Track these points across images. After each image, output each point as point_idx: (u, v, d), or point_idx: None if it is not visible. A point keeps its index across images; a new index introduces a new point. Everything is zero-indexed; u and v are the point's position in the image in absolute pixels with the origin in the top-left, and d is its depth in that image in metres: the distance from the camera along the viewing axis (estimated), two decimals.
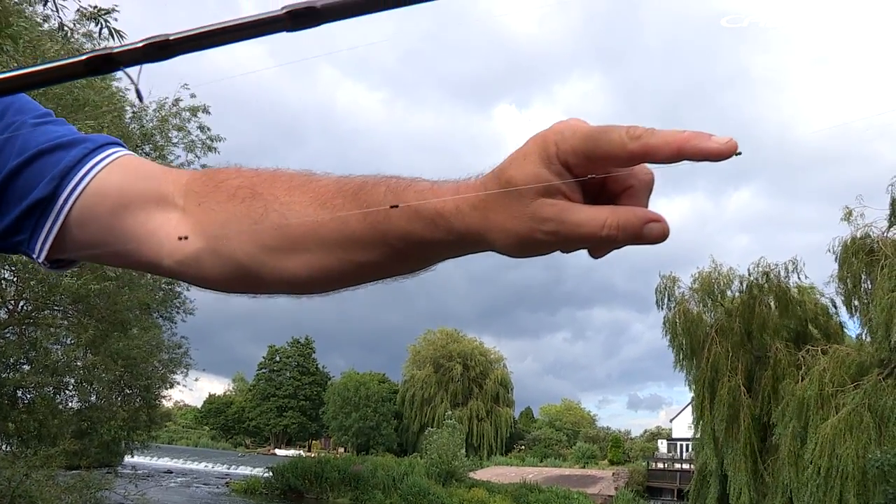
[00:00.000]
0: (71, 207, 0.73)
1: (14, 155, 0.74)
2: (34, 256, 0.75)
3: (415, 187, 0.65)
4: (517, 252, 0.62)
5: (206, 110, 12.94)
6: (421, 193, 0.64)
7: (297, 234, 0.69)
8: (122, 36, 6.97)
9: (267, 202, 0.70)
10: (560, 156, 0.56)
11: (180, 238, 0.72)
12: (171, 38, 0.47)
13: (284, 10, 0.46)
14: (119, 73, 0.50)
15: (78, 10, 6.92)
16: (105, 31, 6.95)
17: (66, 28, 7.47)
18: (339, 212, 0.67)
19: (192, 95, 12.72)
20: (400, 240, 0.65)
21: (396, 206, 0.63)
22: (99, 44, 8.22)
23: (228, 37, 0.47)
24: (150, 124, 12.54)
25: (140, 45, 0.48)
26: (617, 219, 0.56)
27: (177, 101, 12.74)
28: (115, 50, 0.47)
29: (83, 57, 0.47)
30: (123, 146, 0.81)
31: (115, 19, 6.93)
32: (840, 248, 22.95)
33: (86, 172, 0.74)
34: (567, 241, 0.59)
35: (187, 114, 12.78)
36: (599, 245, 0.59)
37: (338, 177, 0.72)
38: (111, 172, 0.76)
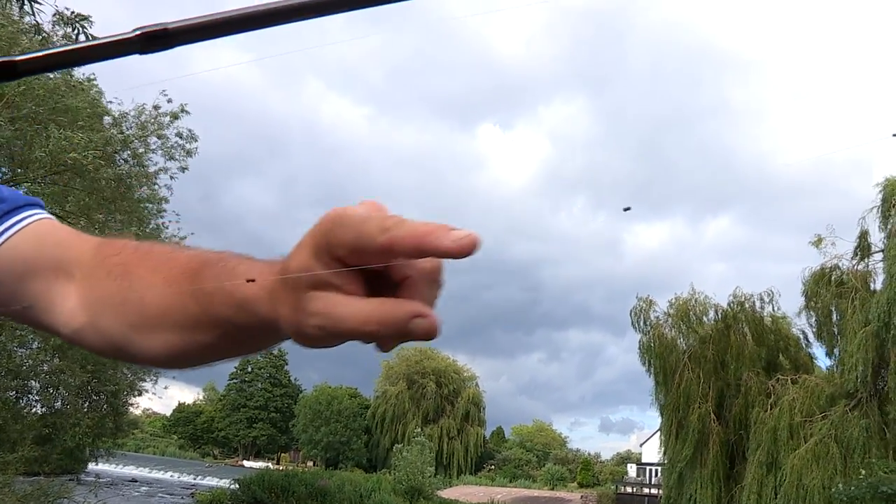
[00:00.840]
0: None
1: None
2: None
3: (237, 268, 0.63)
4: (303, 344, 0.59)
5: (184, 110, 12.81)
6: (218, 277, 0.63)
7: (152, 314, 0.69)
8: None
9: (132, 281, 0.71)
10: (329, 247, 0.53)
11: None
12: (17, 60, 0.47)
13: (136, 33, 0.47)
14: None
15: (56, 13, 6.87)
16: (82, 36, 6.90)
17: (43, 32, 7.41)
18: (179, 292, 0.66)
19: (169, 101, 12.63)
20: (225, 323, 0.64)
21: (199, 287, 0.63)
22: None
23: (78, 58, 0.47)
24: (130, 130, 12.42)
25: None
26: (379, 314, 0.53)
27: (156, 107, 12.64)
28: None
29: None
30: (42, 208, 0.83)
31: (92, 22, 6.88)
32: (810, 279, 23.26)
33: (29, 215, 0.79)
34: (335, 335, 0.55)
35: (167, 119, 12.66)
36: (369, 340, 0.55)
37: (194, 253, 0.71)
38: (23, 237, 0.78)
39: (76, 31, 6.87)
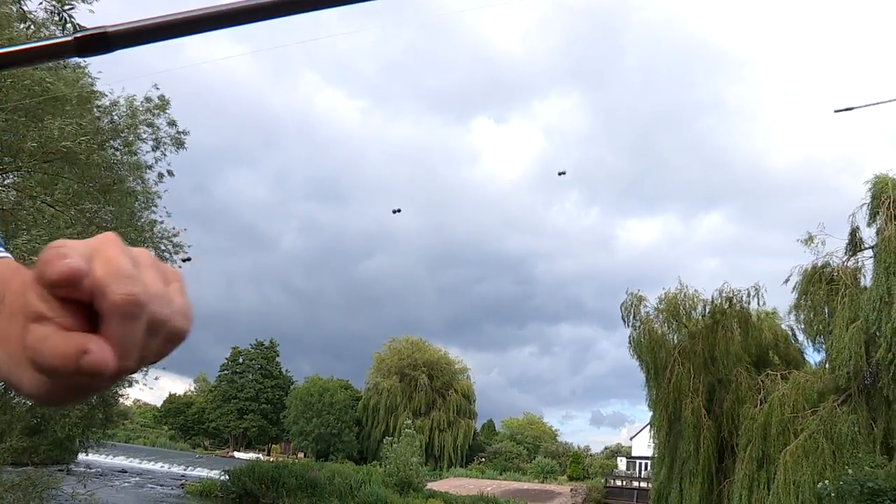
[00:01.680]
0: None
1: None
2: None
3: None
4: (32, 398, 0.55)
5: (162, 98, 12.76)
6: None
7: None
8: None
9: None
10: (40, 280, 0.49)
11: None
12: None
13: (73, 37, 0.47)
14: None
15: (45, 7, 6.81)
16: (70, 26, 6.83)
17: (32, 22, 7.34)
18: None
19: (156, 87, 12.57)
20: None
21: None
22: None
23: (15, 59, 0.45)
24: (121, 119, 12.34)
25: None
26: (57, 346, 0.48)
27: (147, 99, 12.57)
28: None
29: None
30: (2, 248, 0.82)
31: (92, 11, 6.82)
32: (800, 276, 23.36)
33: None
34: (43, 370, 0.50)
35: (157, 109, 12.60)
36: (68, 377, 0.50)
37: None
38: None
39: (63, 21, 6.80)
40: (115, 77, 16.30)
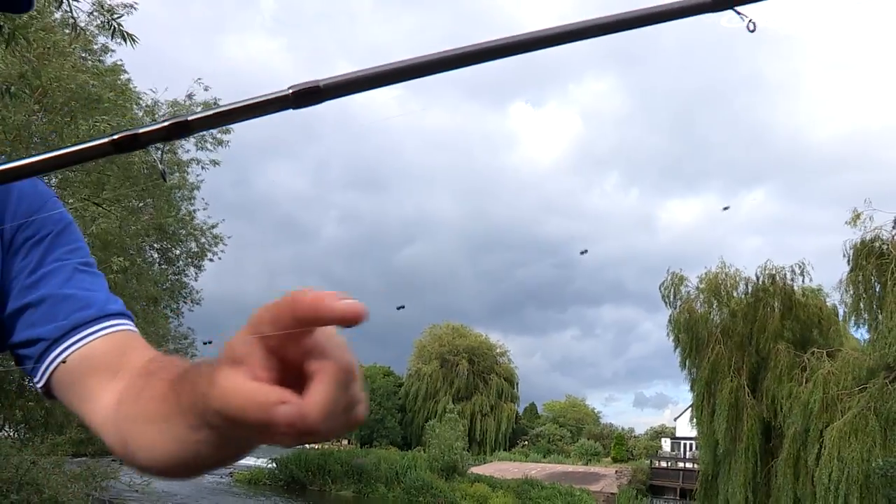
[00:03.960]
0: (67, 358, 0.87)
1: (53, 285, 0.91)
2: (35, 381, 0.91)
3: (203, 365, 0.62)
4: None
5: (217, 104, 12.97)
6: (195, 373, 0.62)
7: (151, 408, 0.71)
8: (134, 40, 7.01)
9: (150, 381, 0.76)
10: (255, 325, 0.50)
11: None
12: (191, 119, 0.53)
13: (290, 91, 0.53)
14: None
15: (91, 11, 6.96)
16: (119, 35, 6.98)
17: (79, 27, 7.51)
18: (169, 392, 0.68)
19: (206, 89, 12.78)
20: (201, 414, 0.60)
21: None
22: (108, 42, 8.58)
23: (239, 116, 0.52)
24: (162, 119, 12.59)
25: (164, 125, 0.53)
26: (252, 394, 0.49)
27: (190, 95, 12.80)
28: (141, 130, 0.53)
29: (112, 137, 0.53)
30: (130, 319, 0.95)
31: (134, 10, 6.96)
32: (852, 250, 22.86)
33: (88, 334, 0.89)
34: (226, 415, 0.51)
35: (200, 108, 12.81)
36: (255, 429, 0.50)
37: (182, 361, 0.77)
38: (101, 343, 0.88)
39: (111, 28, 6.96)
40: (159, 80, 16.59)
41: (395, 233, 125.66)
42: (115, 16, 6.92)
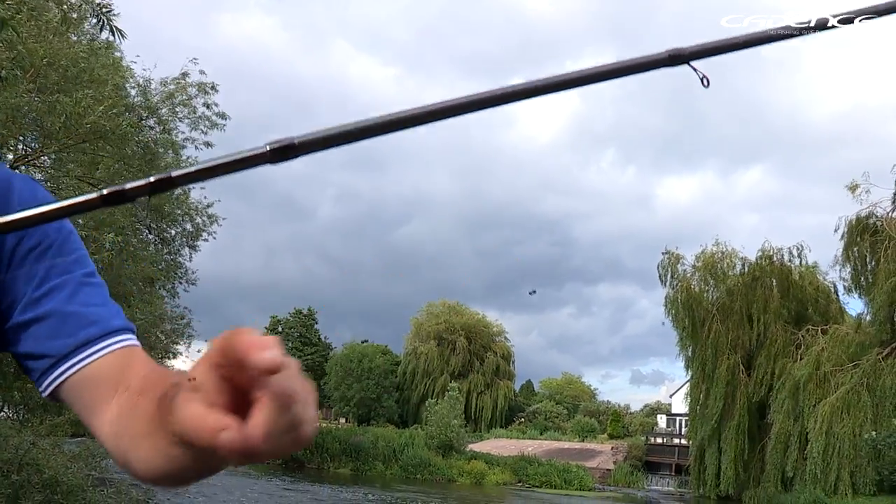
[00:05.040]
0: (73, 374, 0.92)
1: (60, 300, 0.94)
2: (40, 390, 0.95)
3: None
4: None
5: (214, 88, 12.89)
6: (174, 387, 0.66)
7: (142, 425, 0.78)
8: (122, 34, 6.98)
9: (143, 396, 0.82)
10: (210, 355, 0.55)
11: None
12: (174, 175, 0.57)
13: (268, 147, 0.57)
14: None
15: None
16: (107, 29, 6.93)
17: (68, 18, 7.46)
18: (155, 411, 0.74)
19: (202, 72, 12.69)
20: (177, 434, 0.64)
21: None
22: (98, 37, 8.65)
23: (221, 171, 0.57)
24: (156, 97, 12.51)
25: (149, 181, 0.57)
26: (199, 420, 0.54)
27: (184, 74, 12.70)
28: (128, 186, 0.57)
29: (101, 193, 0.58)
30: (133, 333, 0.99)
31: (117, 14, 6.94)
32: (845, 227, 22.94)
33: (94, 351, 0.93)
34: (183, 440, 0.57)
35: (194, 90, 12.72)
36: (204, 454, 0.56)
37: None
38: (107, 359, 0.93)
39: (100, 23, 6.91)
40: (154, 59, 16.46)
41: (393, 211, 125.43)
42: (106, 10, 6.87)
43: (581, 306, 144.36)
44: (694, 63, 0.66)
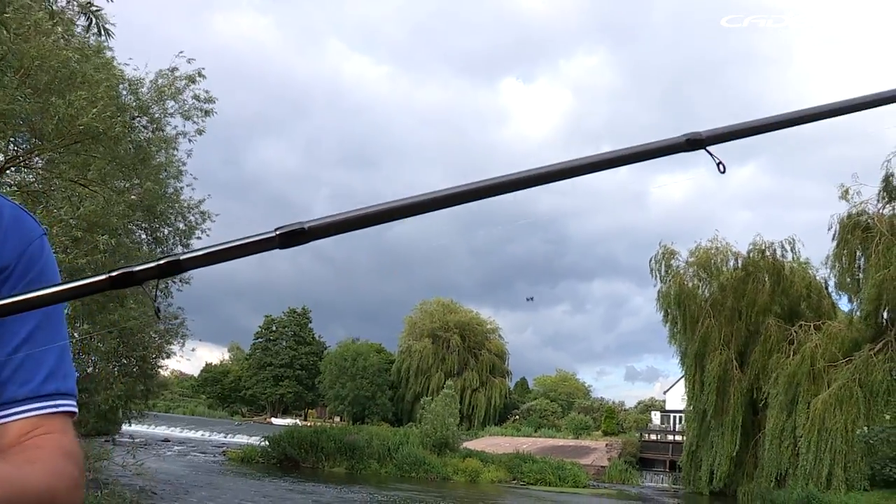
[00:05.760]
0: None
1: (6, 345, 0.96)
2: None
3: None
4: None
5: (200, 74, 12.84)
6: None
7: None
8: (110, 33, 6.95)
9: None
10: None
11: None
12: (182, 258, 0.59)
13: (277, 233, 0.58)
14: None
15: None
16: (94, 27, 6.90)
17: (57, 16, 7.43)
18: None
19: (189, 61, 12.65)
20: None
21: None
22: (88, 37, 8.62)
23: (229, 255, 0.58)
24: (147, 96, 12.47)
25: (158, 263, 0.58)
26: None
27: (173, 69, 12.66)
28: (136, 268, 0.58)
29: (110, 274, 0.59)
30: (65, 395, 1.01)
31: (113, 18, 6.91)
32: (837, 225, 23.04)
33: (9, 414, 0.96)
34: None
35: (184, 82, 12.68)
36: None
37: None
38: (20, 425, 0.96)
39: (89, 21, 6.88)
40: (145, 56, 16.38)
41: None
42: (94, 9, 6.83)
43: (575, 303, 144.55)
44: (711, 148, 0.69)
